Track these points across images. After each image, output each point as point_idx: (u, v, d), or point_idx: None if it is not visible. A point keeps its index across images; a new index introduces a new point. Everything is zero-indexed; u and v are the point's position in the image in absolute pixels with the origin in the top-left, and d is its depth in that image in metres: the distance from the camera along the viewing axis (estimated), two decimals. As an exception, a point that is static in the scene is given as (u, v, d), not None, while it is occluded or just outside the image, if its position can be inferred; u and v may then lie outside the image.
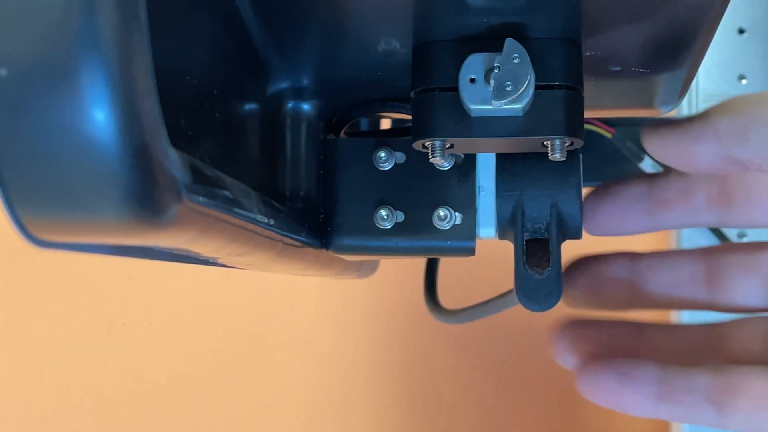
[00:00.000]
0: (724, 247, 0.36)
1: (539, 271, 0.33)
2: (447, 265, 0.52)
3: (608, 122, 0.46)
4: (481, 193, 0.34)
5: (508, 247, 0.35)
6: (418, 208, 0.33)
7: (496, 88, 0.27)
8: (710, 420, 0.33)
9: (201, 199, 0.20)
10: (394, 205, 0.33)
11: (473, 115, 0.28)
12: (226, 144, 0.29)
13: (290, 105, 0.34)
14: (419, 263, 0.50)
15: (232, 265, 0.28)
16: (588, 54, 0.29)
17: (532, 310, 0.34)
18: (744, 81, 0.67)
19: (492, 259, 0.56)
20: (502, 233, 0.34)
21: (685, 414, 0.34)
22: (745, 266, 0.35)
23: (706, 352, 0.36)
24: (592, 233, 0.37)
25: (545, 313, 0.36)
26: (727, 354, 0.35)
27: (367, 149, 0.34)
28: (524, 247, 0.33)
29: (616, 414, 0.91)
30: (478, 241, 0.34)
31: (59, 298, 0.90)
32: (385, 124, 0.45)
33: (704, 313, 0.37)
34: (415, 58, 0.29)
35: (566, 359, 0.38)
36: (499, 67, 0.27)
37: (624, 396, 0.34)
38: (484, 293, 0.42)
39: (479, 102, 0.28)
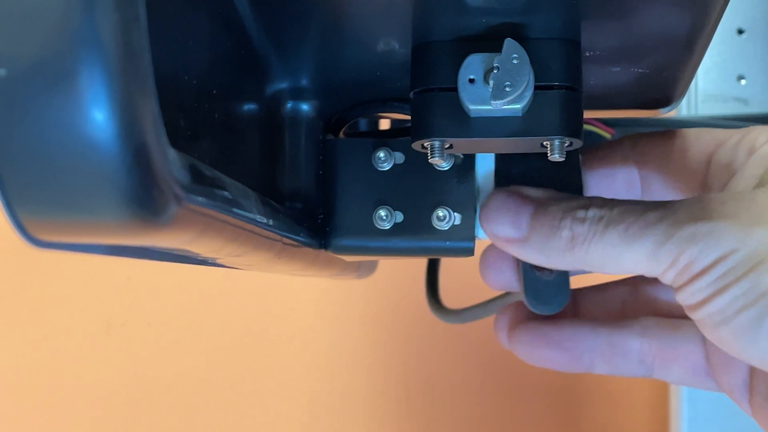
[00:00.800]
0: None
1: (547, 273, 0.33)
2: (446, 265, 0.52)
3: (607, 123, 0.46)
4: (481, 194, 0.34)
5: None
6: (417, 209, 0.33)
7: (496, 89, 0.27)
8: (642, 375, 0.36)
9: (200, 199, 0.20)
10: (393, 206, 0.33)
11: (472, 115, 0.28)
12: (225, 144, 0.29)
13: (289, 105, 0.34)
14: (419, 264, 0.50)
15: (231, 265, 0.28)
16: (587, 54, 0.29)
17: (542, 312, 0.34)
18: (743, 81, 0.67)
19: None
20: None
21: (618, 373, 0.36)
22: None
23: (637, 309, 0.37)
24: None
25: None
26: (657, 310, 0.36)
27: (366, 149, 0.34)
28: None
29: (615, 414, 0.91)
30: (477, 242, 0.34)
31: (59, 298, 0.90)
32: (384, 124, 0.45)
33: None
34: (414, 59, 0.29)
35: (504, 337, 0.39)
36: (498, 67, 0.27)
37: (558, 362, 0.36)
38: (483, 293, 0.42)
39: (478, 102, 0.28)
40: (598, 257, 0.29)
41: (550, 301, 0.34)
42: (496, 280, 0.36)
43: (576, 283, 0.36)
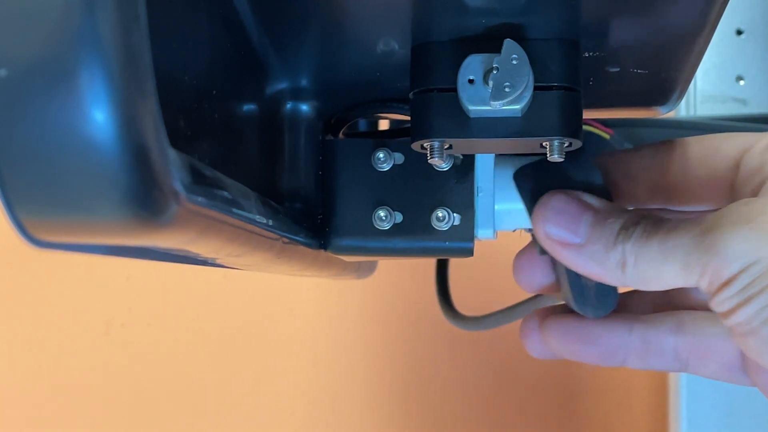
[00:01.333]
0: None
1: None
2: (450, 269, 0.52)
3: (607, 123, 0.46)
4: (480, 194, 0.34)
5: (507, 249, 0.35)
6: (416, 209, 0.33)
7: (495, 89, 0.27)
8: (677, 370, 0.36)
9: (200, 199, 0.20)
10: (393, 206, 0.33)
11: (472, 115, 0.28)
12: (225, 144, 0.29)
13: (289, 106, 0.34)
14: (418, 264, 0.50)
15: (231, 265, 0.28)
16: (587, 55, 0.29)
17: (591, 315, 0.34)
18: (742, 82, 0.67)
19: (491, 262, 0.55)
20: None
21: (652, 368, 0.36)
22: None
23: (678, 302, 0.37)
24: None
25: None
26: (697, 303, 0.36)
27: (365, 150, 0.34)
28: None
29: (615, 414, 0.91)
30: (477, 242, 0.34)
31: (58, 298, 0.90)
32: (384, 124, 0.45)
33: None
34: (413, 59, 0.29)
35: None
36: (497, 68, 0.27)
37: (590, 357, 0.36)
38: (489, 296, 0.42)
39: (478, 103, 0.28)
40: (643, 273, 0.30)
41: (598, 305, 0.34)
42: (531, 282, 0.36)
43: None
